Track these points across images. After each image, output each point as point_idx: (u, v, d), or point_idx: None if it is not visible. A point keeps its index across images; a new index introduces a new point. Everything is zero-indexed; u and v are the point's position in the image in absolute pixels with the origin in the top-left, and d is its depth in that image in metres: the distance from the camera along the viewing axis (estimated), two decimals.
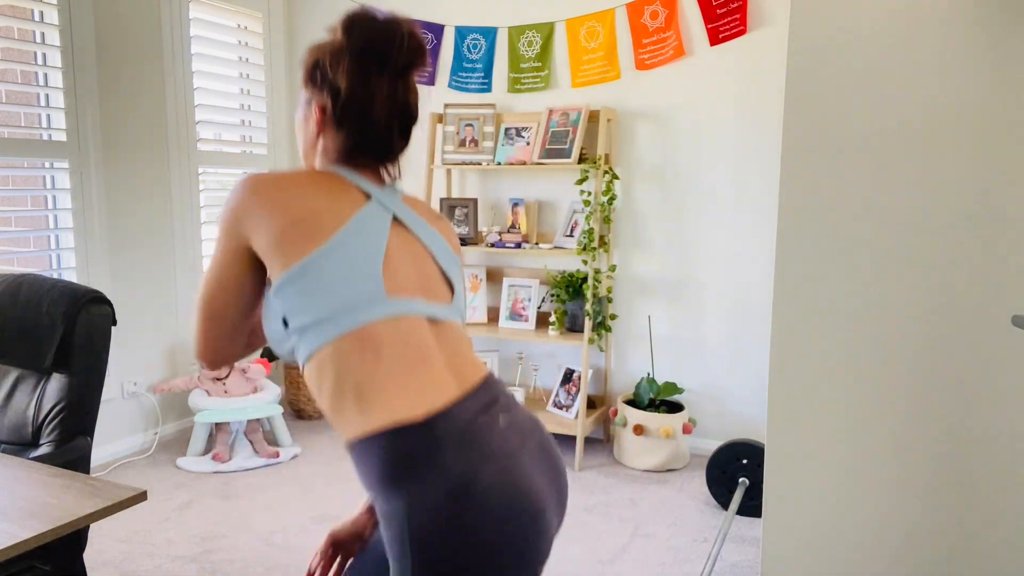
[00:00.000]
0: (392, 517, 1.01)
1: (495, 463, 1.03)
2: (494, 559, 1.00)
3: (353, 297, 1.06)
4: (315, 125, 1.21)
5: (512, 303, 3.67)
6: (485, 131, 3.64)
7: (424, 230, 1.21)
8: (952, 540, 1.88)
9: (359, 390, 1.04)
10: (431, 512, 0.99)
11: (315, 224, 1.08)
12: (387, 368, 1.04)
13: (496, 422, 1.09)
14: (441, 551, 0.98)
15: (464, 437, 1.03)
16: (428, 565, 0.99)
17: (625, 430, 3.34)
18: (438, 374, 1.08)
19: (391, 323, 1.07)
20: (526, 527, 1.03)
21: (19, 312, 1.86)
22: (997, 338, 1.78)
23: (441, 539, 0.98)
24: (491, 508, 1.00)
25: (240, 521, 2.81)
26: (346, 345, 1.04)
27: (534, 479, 1.07)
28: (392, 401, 1.03)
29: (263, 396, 3.47)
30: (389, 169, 1.23)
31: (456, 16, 3.84)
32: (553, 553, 2.59)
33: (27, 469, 1.49)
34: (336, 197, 1.12)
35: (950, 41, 1.75)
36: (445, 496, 0.99)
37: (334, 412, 1.07)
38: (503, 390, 1.18)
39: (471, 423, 1.05)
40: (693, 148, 3.44)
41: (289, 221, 1.07)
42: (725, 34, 3.31)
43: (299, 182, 1.12)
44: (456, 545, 0.99)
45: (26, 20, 2.99)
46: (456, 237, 1.32)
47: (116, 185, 3.35)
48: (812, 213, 1.91)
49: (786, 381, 1.98)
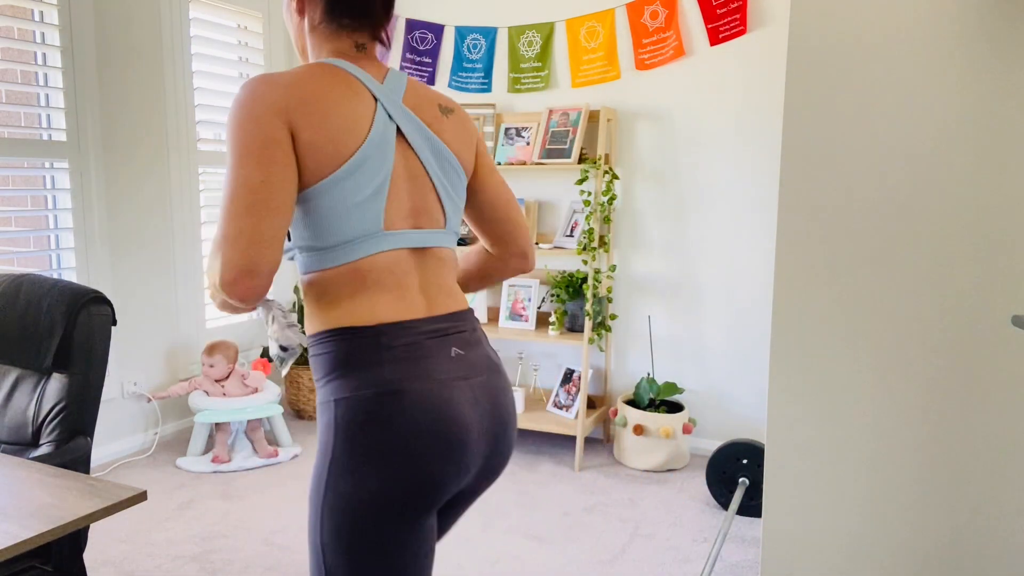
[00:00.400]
0: (326, 405, 1.13)
1: (426, 382, 1.12)
2: (402, 461, 1.08)
3: (354, 234, 1.14)
4: (299, 21, 1.27)
5: (512, 303, 3.67)
6: (485, 131, 3.64)
7: (425, 142, 1.23)
8: (952, 540, 1.88)
9: (337, 301, 1.15)
10: (357, 404, 1.09)
11: (340, 141, 1.11)
12: (367, 289, 1.15)
13: (445, 349, 1.17)
14: (359, 438, 1.08)
15: (407, 352, 1.13)
16: (345, 449, 1.09)
17: (625, 430, 3.34)
18: (409, 296, 1.17)
19: (381, 256, 1.16)
20: (438, 447, 1.10)
21: (19, 312, 1.86)
22: (997, 338, 1.78)
23: (360, 428, 1.08)
24: (411, 417, 1.09)
25: (240, 521, 2.81)
26: (338, 274, 1.15)
27: (462, 411, 1.14)
28: (355, 309, 1.14)
29: (263, 396, 3.47)
30: (378, 34, 1.26)
31: (456, 16, 3.84)
32: (553, 553, 2.59)
33: (27, 469, 1.49)
34: (354, 102, 1.15)
35: (950, 41, 1.75)
36: (373, 395, 1.09)
37: (309, 315, 1.18)
38: (473, 327, 1.25)
39: (418, 342, 1.14)
40: (693, 148, 3.44)
41: (319, 132, 1.10)
42: (725, 34, 3.31)
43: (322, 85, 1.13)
44: (372, 437, 1.08)
45: (26, 20, 2.99)
46: (465, 126, 1.31)
47: (116, 185, 3.36)
48: (812, 213, 1.91)
49: (786, 381, 1.98)
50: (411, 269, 1.19)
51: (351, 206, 1.13)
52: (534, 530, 2.77)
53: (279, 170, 1.06)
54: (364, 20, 1.23)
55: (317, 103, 1.11)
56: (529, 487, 3.15)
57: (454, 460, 1.12)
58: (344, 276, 1.14)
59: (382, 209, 1.15)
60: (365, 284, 1.15)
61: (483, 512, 2.91)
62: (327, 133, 1.10)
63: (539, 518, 2.87)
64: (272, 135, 1.07)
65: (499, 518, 2.86)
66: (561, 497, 3.06)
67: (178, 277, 3.66)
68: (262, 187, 1.05)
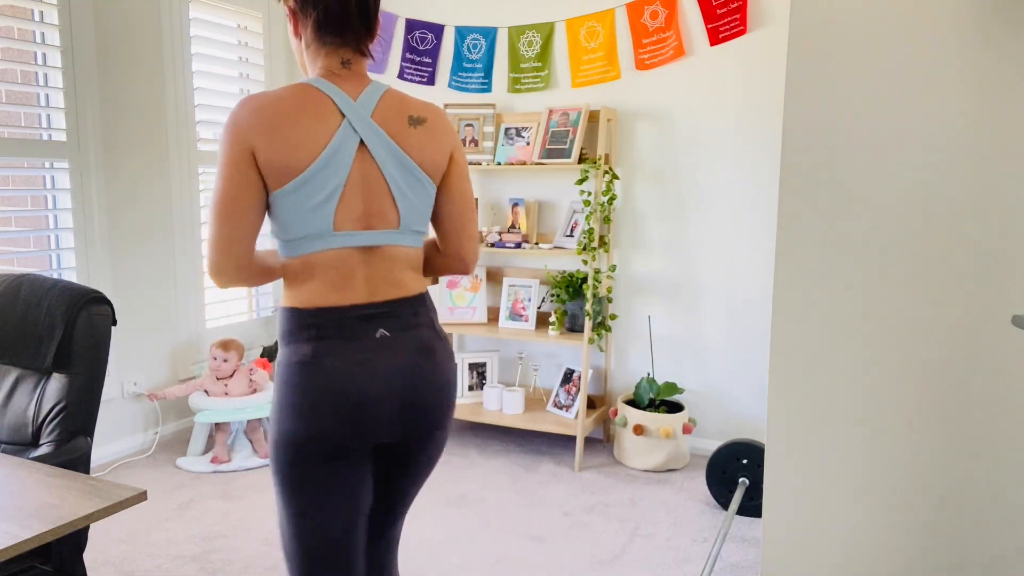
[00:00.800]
0: (276, 363, 1.43)
1: (336, 360, 1.36)
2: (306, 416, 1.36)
3: (307, 231, 1.37)
4: (292, 27, 1.47)
5: (512, 303, 3.67)
6: (485, 131, 3.64)
7: (388, 152, 1.41)
8: (952, 539, 1.88)
9: (292, 284, 1.41)
10: (286, 369, 1.38)
11: (293, 159, 1.33)
12: (313, 278, 1.39)
13: (372, 330, 1.40)
14: (285, 394, 1.38)
15: (332, 332, 1.38)
16: (277, 400, 1.40)
17: (625, 430, 3.34)
18: (351, 286, 1.39)
19: (330, 252, 1.38)
20: (334, 409, 1.36)
21: (19, 312, 1.86)
22: (997, 338, 1.78)
23: (286, 386, 1.38)
24: (317, 384, 1.36)
25: (240, 521, 2.81)
26: (296, 263, 1.40)
27: (365, 384, 1.37)
28: (301, 294, 1.39)
29: (263, 396, 3.47)
30: (362, 47, 1.44)
31: (456, 16, 3.84)
32: (553, 553, 2.59)
33: (27, 469, 1.49)
34: (315, 121, 1.35)
35: (950, 40, 1.75)
36: (296, 363, 1.37)
37: (283, 290, 1.44)
38: (413, 312, 1.45)
39: (347, 323, 1.38)
40: (693, 148, 3.44)
41: (279, 152, 1.32)
42: (725, 34, 3.31)
43: (291, 107, 1.34)
44: (290, 395, 1.37)
45: (26, 20, 2.99)
46: (437, 135, 1.47)
47: (116, 185, 3.36)
48: (812, 213, 1.91)
49: (786, 381, 1.98)
50: (357, 264, 1.40)
51: (305, 211, 1.35)
52: (534, 530, 2.77)
53: (245, 185, 1.32)
54: (347, 37, 1.41)
55: (278, 125, 1.32)
56: (529, 487, 3.15)
57: (347, 422, 1.37)
58: (299, 265, 1.39)
59: (332, 213, 1.36)
60: (313, 274, 1.39)
61: (483, 512, 2.91)
62: (283, 151, 1.32)
63: (539, 518, 2.87)
64: (239, 156, 1.32)
65: (499, 518, 2.86)
66: (561, 497, 3.06)
67: (178, 277, 3.66)
68: (232, 200, 1.32)
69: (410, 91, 3.99)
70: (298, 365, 1.37)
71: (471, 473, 3.29)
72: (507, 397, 3.59)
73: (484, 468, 3.35)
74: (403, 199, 1.42)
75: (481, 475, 3.27)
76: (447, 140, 1.48)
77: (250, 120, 1.32)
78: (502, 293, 3.69)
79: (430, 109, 1.47)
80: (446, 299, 3.71)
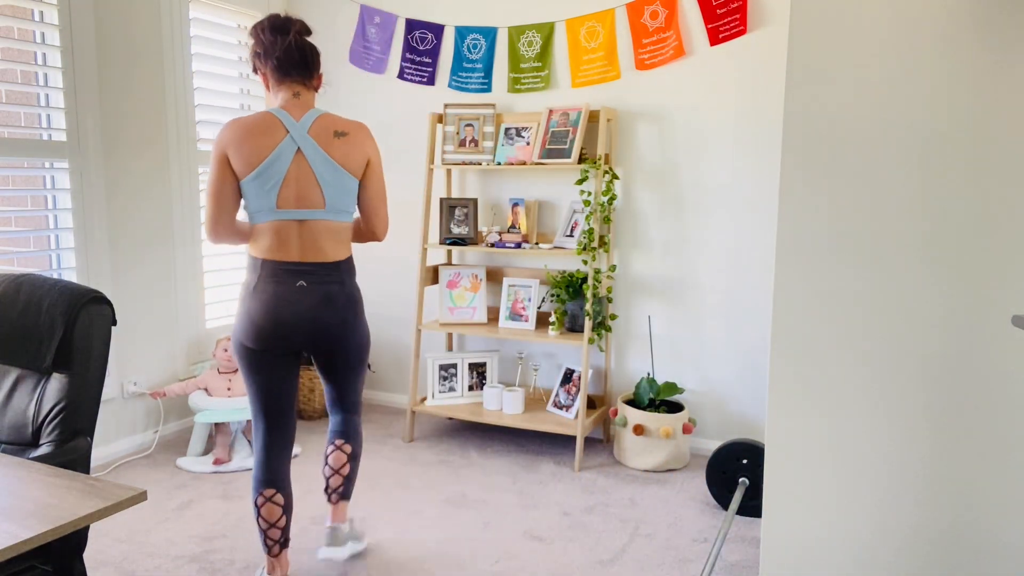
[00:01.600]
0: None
1: (270, 293, 2.13)
2: (248, 322, 2.15)
3: (260, 207, 2.13)
4: (261, 76, 2.23)
5: (512, 303, 3.67)
6: (485, 131, 3.64)
7: (316, 155, 2.14)
8: (952, 540, 1.88)
9: (253, 242, 2.17)
10: (243, 291, 2.18)
11: (249, 160, 2.09)
12: (263, 239, 2.14)
13: (293, 280, 2.14)
14: (240, 307, 2.18)
15: (270, 275, 2.14)
16: (238, 309, 2.20)
17: (625, 430, 3.34)
18: (287, 247, 2.14)
19: (273, 223, 2.13)
20: (262, 321, 2.13)
21: (19, 312, 1.86)
22: (997, 338, 1.78)
23: (241, 302, 2.18)
24: (255, 304, 2.14)
25: (240, 521, 2.81)
26: (254, 229, 2.16)
27: (280, 310, 2.13)
28: (258, 248, 2.15)
29: None
30: (309, 82, 2.22)
31: (456, 16, 3.84)
32: (553, 553, 2.59)
33: (27, 469, 1.49)
34: (268, 136, 2.10)
35: (950, 40, 1.75)
36: (248, 290, 2.16)
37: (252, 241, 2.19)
38: (327, 272, 2.18)
39: (279, 272, 2.14)
40: (693, 148, 3.44)
41: (239, 156, 2.09)
42: (725, 34, 3.31)
43: (253, 127, 2.11)
44: (242, 308, 2.17)
45: (26, 20, 2.99)
46: (352, 149, 2.19)
47: (116, 185, 3.36)
48: (812, 213, 1.91)
49: (786, 381, 1.99)
50: (292, 232, 2.14)
51: (259, 194, 2.11)
52: (534, 530, 2.77)
53: (226, 179, 2.12)
54: (294, 77, 2.19)
55: (244, 138, 2.09)
56: (529, 487, 3.15)
57: (266, 333, 2.14)
58: (256, 230, 2.15)
59: (275, 196, 2.11)
60: (264, 236, 2.14)
61: (483, 512, 2.91)
62: (245, 156, 2.09)
63: (539, 518, 2.87)
64: (220, 157, 2.11)
65: (499, 518, 2.86)
66: (561, 497, 3.06)
67: (178, 277, 3.66)
68: (218, 190, 2.12)
69: (410, 91, 3.99)
70: (245, 289, 2.17)
71: (471, 473, 3.29)
72: (507, 397, 3.59)
73: (484, 468, 3.35)
74: (328, 187, 2.15)
75: (481, 475, 3.27)
76: (364, 149, 2.21)
77: (227, 135, 2.11)
78: (502, 293, 3.69)
79: (352, 126, 2.20)
80: (446, 299, 3.71)
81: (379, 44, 4.02)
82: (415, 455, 3.50)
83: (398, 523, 2.81)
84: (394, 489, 3.11)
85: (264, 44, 2.18)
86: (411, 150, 4.05)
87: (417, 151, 4.03)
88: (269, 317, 2.11)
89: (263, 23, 2.20)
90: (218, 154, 2.10)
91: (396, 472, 3.29)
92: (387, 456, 3.48)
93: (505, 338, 3.64)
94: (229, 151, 2.09)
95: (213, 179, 2.10)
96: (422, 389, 4.14)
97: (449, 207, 3.69)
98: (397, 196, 4.11)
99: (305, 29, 2.22)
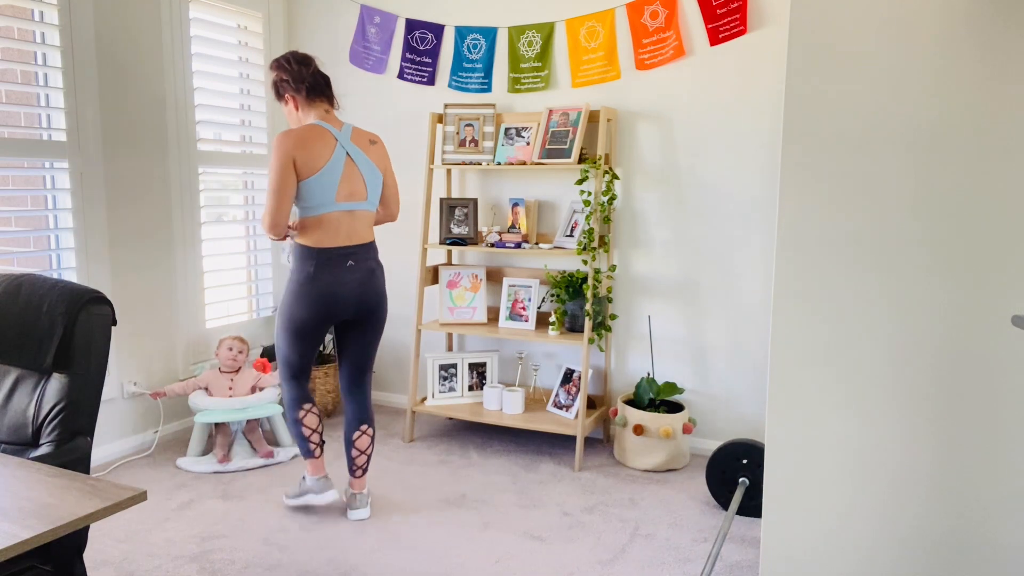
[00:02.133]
0: (290, 274, 2.67)
1: (325, 276, 2.62)
2: (308, 305, 2.62)
3: (322, 201, 2.60)
4: (293, 104, 2.71)
5: (512, 303, 3.67)
6: (485, 131, 3.64)
7: (361, 158, 2.68)
8: (952, 540, 1.88)
9: (304, 232, 2.63)
10: (301, 275, 2.62)
11: (314, 164, 2.57)
12: (318, 229, 2.61)
13: (344, 261, 2.64)
14: (298, 291, 2.63)
15: (327, 260, 2.61)
16: (292, 295, 2.64)
17: (625, 430, 3.34)
18: (339, 234, 2.63)
19: (330, 214, 2.61)
20: (323, 302, 2.62)
21: (19, 312, 1.86)
22: (997, 338, 1.78)
23: (300, 286, 2.62)
24: (314, 287, 2.61)
25: (240, 521, 2.81)
26: (311, 220, 2.62)
27: (338, 289, 2.64)
28: (312, 238, 2.61)
29: (263, 396, 3.47)
30: (332, 101, 2.73)
31: (456, 16, 3.84)
32: (553, 553, 2.59)
33: (27, 469, 1.49)
34: (323, 143, 2.60)
35: (949, 40, 1.75)
36: (305, 275, 2.61)
37: (299, 236, 2.64)
38: (367, 253, 2.71)
39: (332, 257, 2.62)
40: (693, 148, 3.44)
41: (304, 160, 2.55)
42: (725, 34, 3.31)
43: (310, 136, 2.58)
44: (300, 293, 2.62)
45: (26, 20, 2.99)
46: (381, 153, 2.77)
47: (116, 185, 3.36)
48: (812, 213, 1.91)
49: (786, 381, 1.99)
50: (344, 221, 2.65)
51: (322, 191, 2.58)
52: (534, 530, 2.77)
53: (290, 179, 2.55)
54: (322, 99, 2.69)
55: (306, 144, 2.56)
56: (529, 487, 3.15)
57: (326, 311, 2.64)
58: (309, 222, 2.62)
59: (334, 192, 2.60)
60: (317, 227, 2.62)
61: (483, 512, 2.91)
62: (311, 159, 2.56)
63: (539, 518, 2.87)
64: (286, 163, 2.53)
65: (499, 518, 2.86)
66: (561, 497, 3.06)
67: (178, 277, 3.66)
68: (284, 189, 2.55)
69: (410, 91, 3.99)
70: (302, 274, 2.62)
71: (471, 473, 3.29)
72: (507, 397, 3.59)
73: (484, 468, 3.35)
74: (369, 184, 2.70)
75: (481, 475, 3.27)
76: (386, 154, 2.79)
77: (290, 143, 2.54)
78: (502, 293, 3.69)
79: (376, 136, 2.77)
80: (446, 299, 3.71)
81: (379, 44, 4.02)
82: (415, 455, 3.50)
83: (398, 523, 2.81)
84: (394, 489, 3.11)
85: (292, 72, 2.64)
86: (411, 150, 4.05)
87: (417, 151, 4.03)
88: (329, 293, 2.61)
89: (287, 57, 2.66)
90: (284, 159, 2.50)
91: (396, 472, 3.29)
92: (387, 456, 3.48)
93: (505, 338, 3.64)
94: (296, 155, 2.52)
95: (279, 180, 2.50)
96: (422, 389, 4.14)
97: (449, 207, 3.69)
98: None
99: (320, 62, 2.76)
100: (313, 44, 4.20)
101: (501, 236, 3.58)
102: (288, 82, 2.64)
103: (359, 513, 2.84)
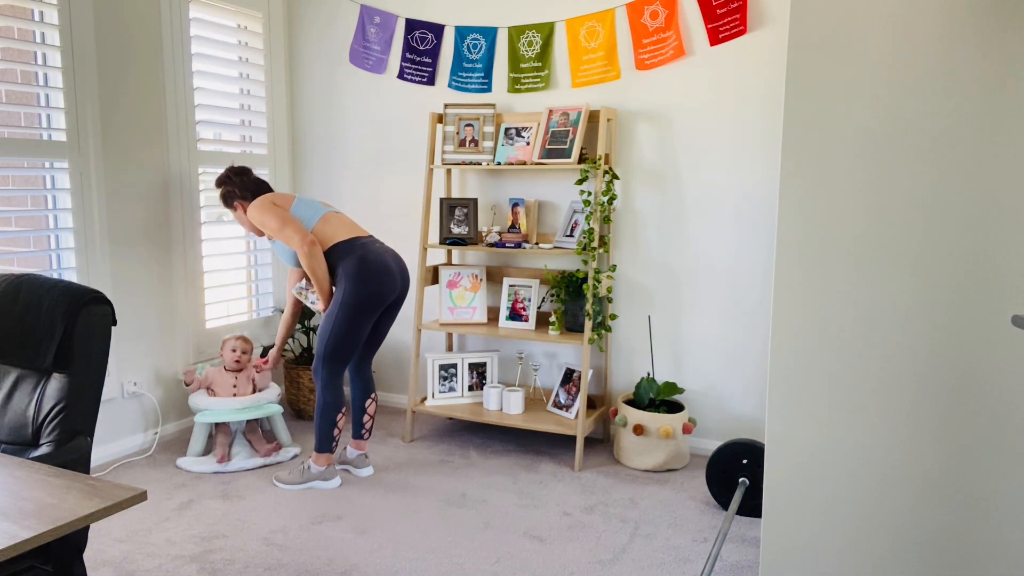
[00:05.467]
0: (340, 272, 2.99)
1: (374, 255, 2.99)
2: (368, 285, 2.95)
3: (315, 210, 3.07)
4: (242, 210, 3.18)
5: (512, 303, 3.67)
6: (485, 131, 3.64)
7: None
8: (952, 540, 1.88)
9: (330, 236, 3.04)
10: (351, 265, 2.96)
11: (288, 200, 3.07)
12: (331, 226, 3.06)
13: (376, 244, 3.05)
14: (354, 277, 2.95)
15: (365, 246, 3.00)
16: (355, 280, 2.95)
17: (625, 430, 3.34)
18: (351, 227, 3.08)
19: (329, 214, 3.09)
20: (382, 275, 2.97)
21: (19, 312, 1.86)
22: (997, 338, 1.78)
23: (354, 273, 2.95)
24: (369, 266, 2.96)
25: (240, 521, 2.81)
26: (318, 226, 3.04)
27: (389, 265, 3.01)
28: (339, 235, 3.04)
29: (263, 396, 3.47)
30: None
31: (456, 16, 3.84)
32: (553, 553, 2.59)
33: (27, 469, 1.49)
34: (285, 199, 3.08)
35: (950, 40, 1.75)
36: (356, 261, 2.96)
37: (319, 247, 2.99)
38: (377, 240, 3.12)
39: (367, 242, 3.03)
40: (693, 148, 3.44)
41: (281, 202, 3.05)
42: (725, 34, 3.31)
43: (278, 198, 3.07)
44: (357, 276, 2.95)
45: (26, 20, 2.99)
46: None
47: (116, 185, 3.36)
48: (812, 213, 1.91)
49: (786, 381, 1.99)
50: (343, 219, 3.10)
51: (306, 206, 3.09)
52: (534, 530, 2.77)
53: (283, 211, 3.03)
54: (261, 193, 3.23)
55: (275, 196, 3.08)
56: (529, 487, 3.15)
57: (387, 285, 2.99)
58: (318, 228, 3.05)
59: (318, 202, 3.11)
60: (329, 228, 3.05)
61: (483, 512, 2.91)
62: (284, 202, 3.07)
63: (539, 518, 2.87)
64: (275, 208, 3.03)
65: (499, 518, 2.86)
66: (561, 497, 3.06)
67: (178, 277, 3.66)
68: (283, 215, 3.01)
69: (410, 91, 3.99)
70: (359, 263, 2.94)
71: (471, 473, 3.29)
72: (507, 397, 3.59)
73: (484, 468, 3.35)
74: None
75: (481, 475, 3.27)
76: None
77: (266, 198, 3.05)
78: (502, 293, 3.69)
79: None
80: (446, 299, 3.71)
81: (379, 44, 4.02)
82: (415, 455, 3.50)
83: (398, 523, 2.81)
84: (394, 489, 3.12)
85: (237, 184, 3.15)
86: (411, 150, 4.05)
87: (417, 151, 4.03)
88: (382, 263, 2.97)
89: (227, 174, 3.16)
90: (269, 206, 2.99)
91: (396, 472, 3.29)
92: (387, 456, 3.48)
93: (505, 338, 3.64)
94: (274, 200, 3.04)
95: (279, 214, 2.97)
96: (422, 389, 4.14)
97: (449, 207, 3.69)
98: (397, 196, 4.11)
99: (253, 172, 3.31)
100: (313, 44, 4.20)
101: (501, 236, 3.58)
102: (235, 192, 3.12)
103: (368, 470, 3.26)
